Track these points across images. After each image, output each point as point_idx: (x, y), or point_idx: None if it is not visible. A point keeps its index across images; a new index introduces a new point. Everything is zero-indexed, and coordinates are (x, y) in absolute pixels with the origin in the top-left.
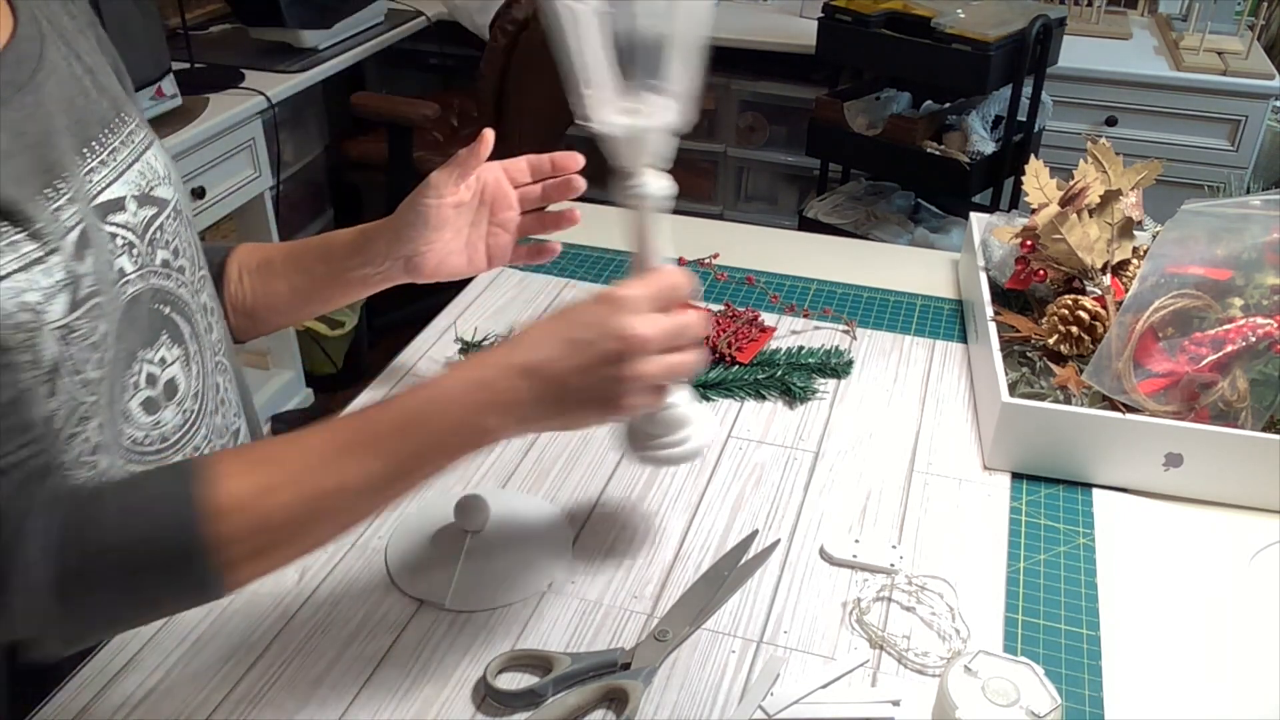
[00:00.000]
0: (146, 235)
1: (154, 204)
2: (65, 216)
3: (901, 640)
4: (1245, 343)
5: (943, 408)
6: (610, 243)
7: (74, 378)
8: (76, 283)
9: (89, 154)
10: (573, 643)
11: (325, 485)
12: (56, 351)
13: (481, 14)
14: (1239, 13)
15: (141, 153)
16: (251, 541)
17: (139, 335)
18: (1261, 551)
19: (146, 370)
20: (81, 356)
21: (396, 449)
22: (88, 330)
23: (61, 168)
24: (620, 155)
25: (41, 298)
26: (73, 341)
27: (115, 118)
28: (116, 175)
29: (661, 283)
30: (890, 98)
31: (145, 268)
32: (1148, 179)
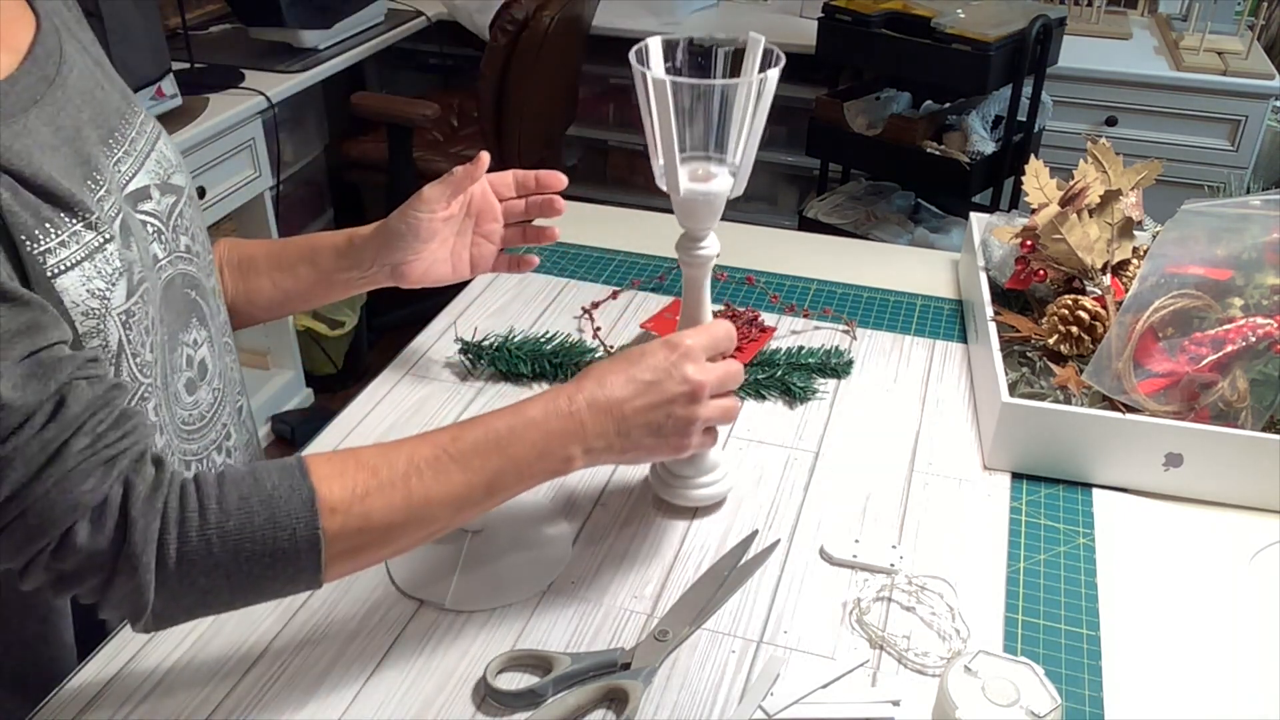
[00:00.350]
0: (170, 221)
1: (173, 191)
2: (109, 206)
3: (901, 640)
4: (1245, 343)
5: (943, 408)
6: (610, 243)
7: (133, 361)
8: (130, 269)
9: (114, 145)
10: (573, 643)
11: (416, 495)
12: (120, 336)
13: (481, 14)
14: (1239, 13)
15: (155, 141)
16: (351, 540)
17: (177, 318)
18: (1261, 551)
19: (185, 352)
20: (138, 340)
21: (483, 466)
22: (141, 314)
23: (95, 159)
24: (688, 218)
25: (106, 285)
26: (132, 326)
27: (128, 109)
28: (139, 165)
29: (715, 334)
30: (890, 98)
31: (173, 253)
32: (1148, 179)
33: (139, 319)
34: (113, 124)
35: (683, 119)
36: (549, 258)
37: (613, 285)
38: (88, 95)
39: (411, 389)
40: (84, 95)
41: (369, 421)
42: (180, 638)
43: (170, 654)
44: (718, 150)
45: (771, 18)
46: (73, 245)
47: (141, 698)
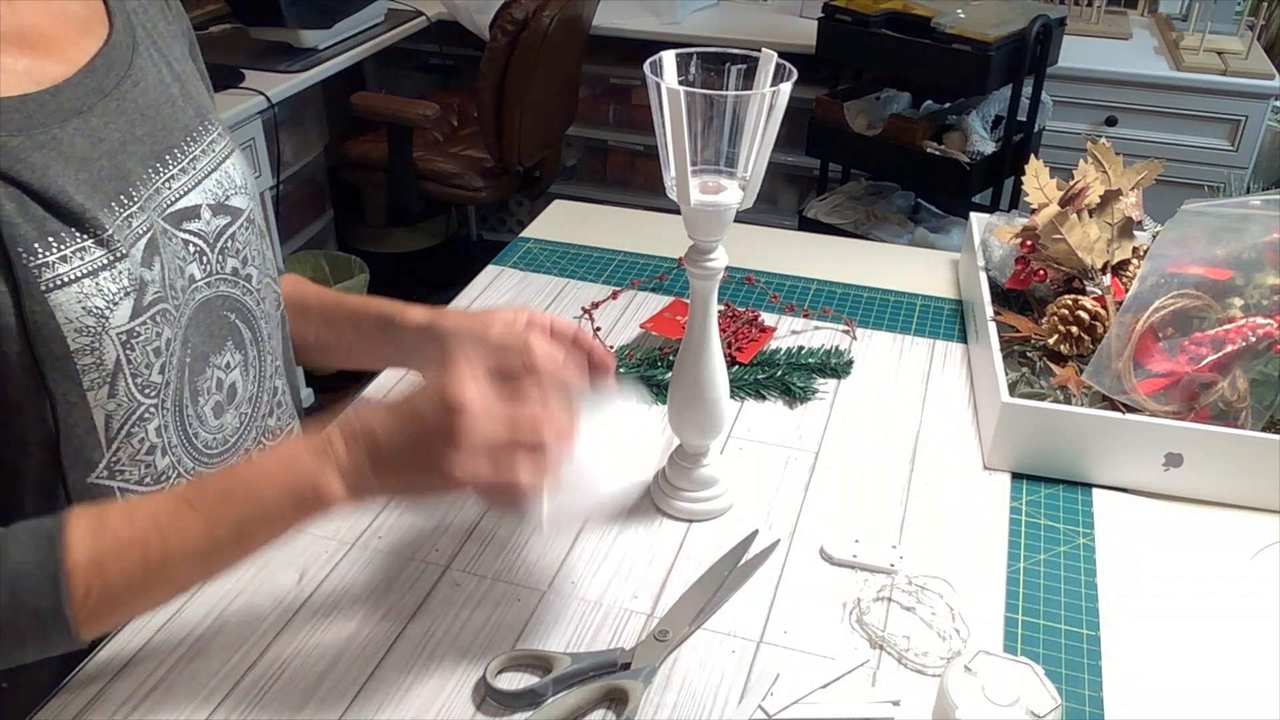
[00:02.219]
0: (218, 243)
1: (228, 213)
2: (136, 224)
3: (901, 640)
4: (1245, 343)
5: (943, 408)
6: (610, 243)
7: (132, 381)
8: (142, 289)
9: (171, 161)
10: (573, 643)
11: (154, 554)
12: (118, 355)
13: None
14: (1239, 13)
15: (221, 162)
16: (97, 605)
17: (209, 340)
18: (1261, 551)
19: (216, 375)
20: (142, 361)
21: (225, 515)
22: (150, 336)
23: (136, 175)
24: (698, 229)
25: (106, 304)
26: (134, 346)
27: (199, 126)
28: (194, 184)
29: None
30: (890, 98)
31: (215, 275)
32: (1148, 179)
33: (146, 340)
34: (173, 140)
35: (695, 131)
36: (549, 258)
37: (613, 285)
38: (150, 110)
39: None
40: (144, 110)
41: None
42: (180, 638)
43: (170, 654)
44: (728, 164)
45: (771, 18)
46: (75, 261)
47: (141, 698)
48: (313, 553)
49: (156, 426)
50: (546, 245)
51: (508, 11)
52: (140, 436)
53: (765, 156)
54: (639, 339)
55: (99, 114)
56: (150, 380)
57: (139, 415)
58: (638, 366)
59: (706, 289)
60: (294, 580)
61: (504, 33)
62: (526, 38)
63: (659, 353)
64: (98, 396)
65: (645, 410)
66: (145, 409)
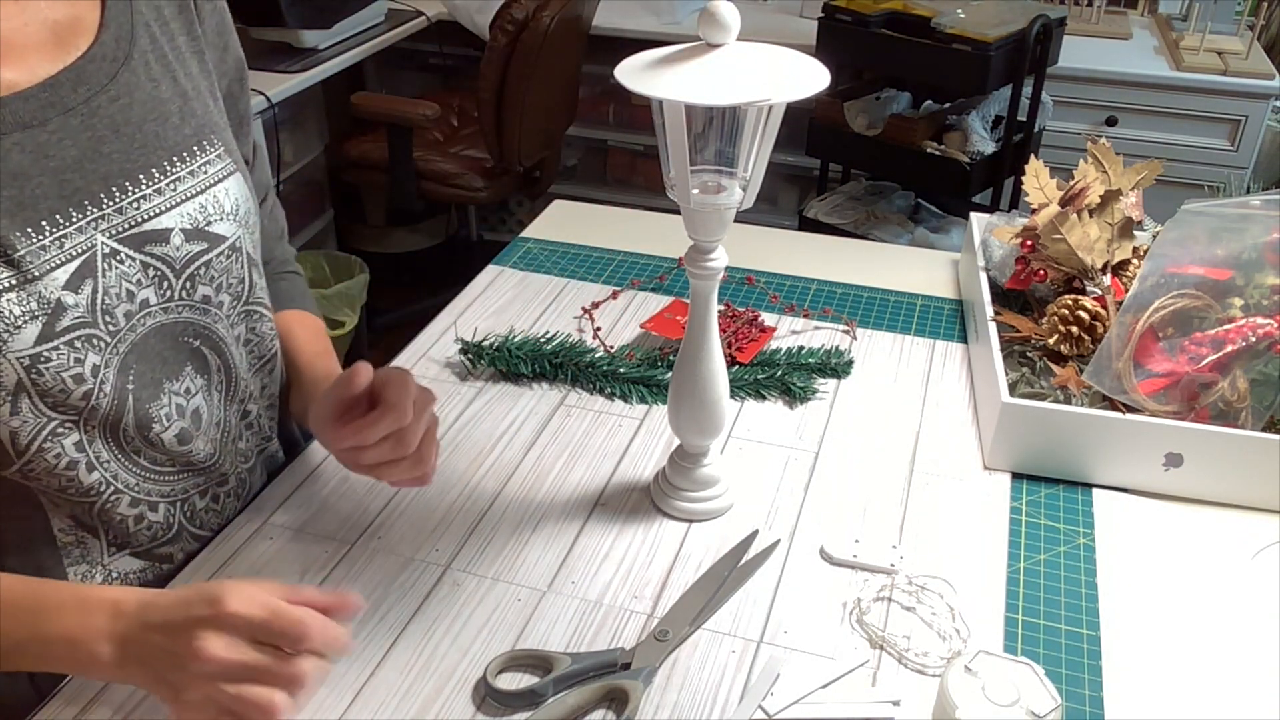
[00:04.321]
0: (186, 270)
1: (205, 240)
2: (70, 244)
3: (901, 640)
4: (1245, 343)
5: (943, 408)
6: (610, 243)
7: (42, 400)
8: (56, 314)
9: (145, 180)
10: (573, 643)
11: None
12: (20, 378)
13: (481, 14)
14: (1239, 13)
15: (211, 185)
16: None
17: (161, 366)
18: (1262, 551)
19: (174, 401)
20: (55, 385)
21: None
22: (65, 362)
23: (88, 193)
24: (698, 229)
25: (4, 326)
26: (44, 371)
27: (193, 145)
28: (170, 205)
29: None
30: (890, 98)
31: (177, 300)
32: (1148, 179)
33: (59, 365)
34: (152, 159)
35: (695, 131)
36: (549, 258)
37: (613, 285)
38: (130, 127)
39: None
40: (121, 127)
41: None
42: None
43: None
44: (728, 164)
45: (771, 18)
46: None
47: (142, 697)
48: (313, 553)
49: (76, 442)
50: (546, 245)
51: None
52: (55, 451)
53: (765, 156)
54: (639, 339)
55: (53, 129)
56: (67, 403)
57: (50, 431)
58: (638, 366)
59: (706, 289)
60: (294, 580)
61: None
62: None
63: (659, 353)
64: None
65: None
66: (58, 425)
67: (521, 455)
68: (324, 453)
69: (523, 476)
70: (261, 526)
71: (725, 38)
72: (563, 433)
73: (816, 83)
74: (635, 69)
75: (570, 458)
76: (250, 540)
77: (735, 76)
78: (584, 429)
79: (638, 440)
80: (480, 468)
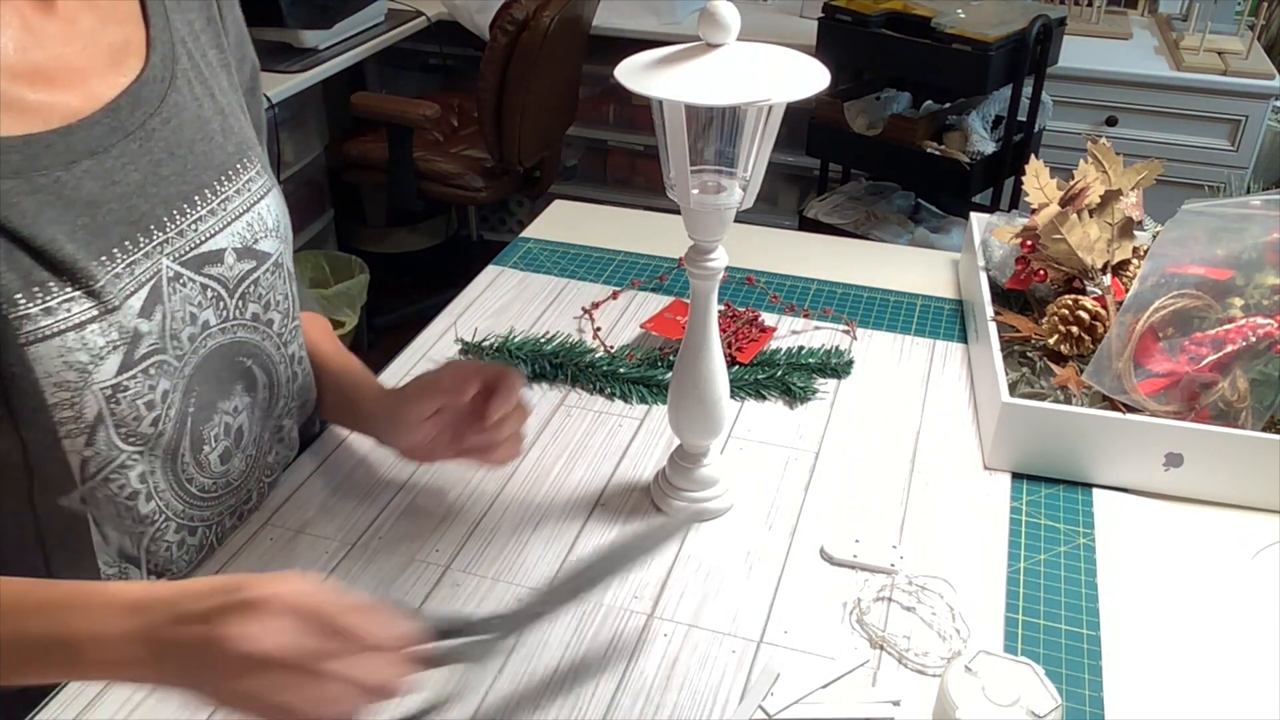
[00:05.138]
0: (239, 289)
1: (254, 258)
2: (139, 270)
3: (901, 640)
4: (1245, 343)
5: (943, 408)
6: (610, 243)
7: (115, 431)
8: (135, 343)
9: (200, 201)
10: (573, 643)
11: None
12: (100, 409)
13: (481, 14)
14: (1239, 13)
15: (255, 203)
16: None
17: (217, 387)
18: (1262, 551)
19: (224, 420)
20: (130, 414)
21: (30, 627)
22: (141, 390)
23: (153, 218)
24: (698, 229)
25: (90, 358)
26: (121, 400)
27: (237, 163)
28: (223, 226)
29: (343, 603)
30: (890, 98)
31: (232, 320)
32: (1148, 179)
33: (136, 394)
34: (205, 180)
35: (695, 131)
36: (549, 258)
37: (613, 285)
38: (182, 149)
39: None
40: (175, 149)
41: None
42: None
43: None
44: (728, 164)
45: (771, 18)
46: (60, 313)
47: (142, 698)
48: (313, 553)
49: (140, 473)
50: (546, 245)
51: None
52: (120, 483)
53: (765, 156)
54: (639, 339)
55: (117, 154)
56: (138, 431)
57: (119, 463)
58: (638, 366)
59: (706, 289)
60: None
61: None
62: (526, 38)
63: (659, 353)
64: (74, 444)
65: None
66: (127, 457)
67: (522, 455)
68: (324, 453)
69: (523, 476)
70: (262, 527)
71: (725, 38)
72: (563, 433)
73: (816, 83)
74: (635, 69)
75: (570, 458)
76: (250, 540)
77: (735, 76)
78: (584, 429)
79: (638, 440)
80: (480, 468)
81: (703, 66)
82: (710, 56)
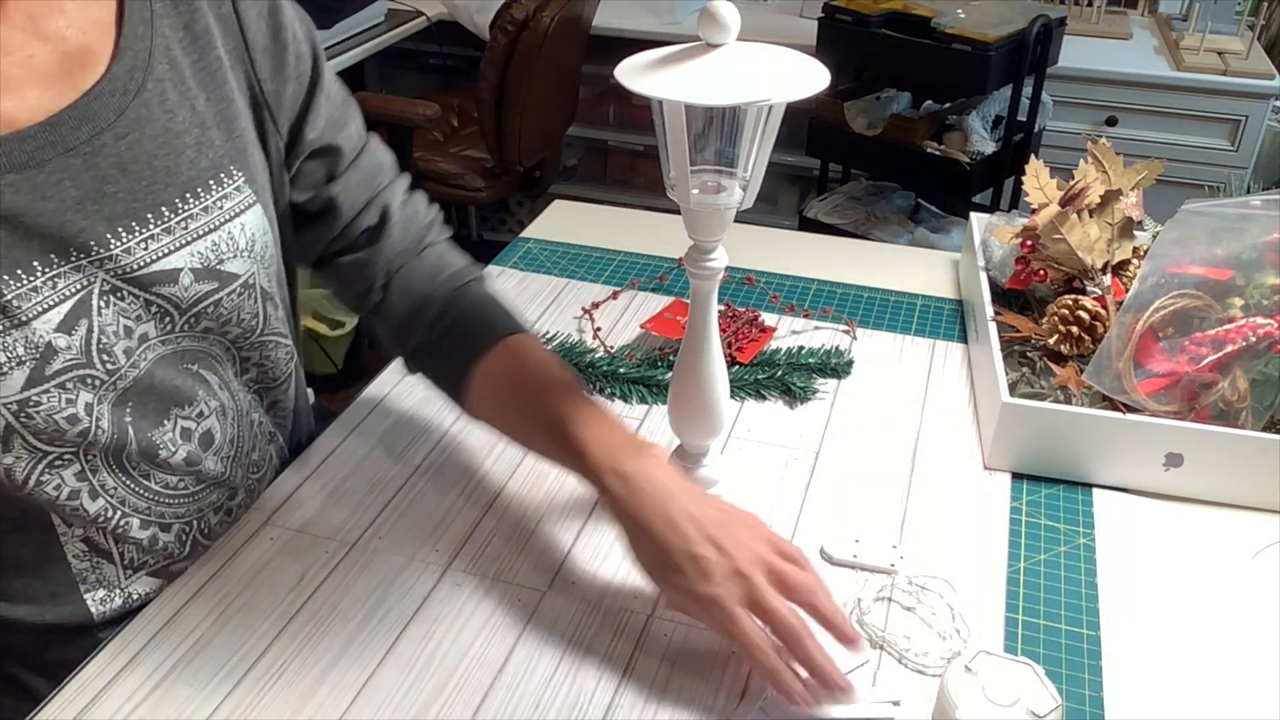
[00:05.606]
0: (194, 309)
1: (215, 279)
2: (63, 285)
3: (901, 640)
4: (1245, 343)
5: (943, 408)
6: (610, 243)
7: (35, 438)
8: (46, 358)
9: (153, 220)
10: (573, 643)
11: None
12: (7, 421)
13: (481, 14)
14: (1239, 13)
15: (225, 221)
16: None
17: (167, 396)
18: (1262, 551)
19: (181, 426)
20: (45, 425)
21: None
22: (57, 404)
23: (89, 235)
24: (698, 229)
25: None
26: (34, 415)
27: (209, 180)
28: (179, 245)
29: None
30: (890, 98)
31: (178, 333)
32: (1148, 179)
33: (50, 408)
34: (163, 197)
35: (695, 131)
36: (549, 258)
37: (613, 285)
38: (139, 165)
39: (412, 389)
40: (129, 165)
41: (369, 422)
42: (181, 638)
43: (171, 654)
44: (728, 164)
45: (771, 18)
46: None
47: (142, 698)
48: (313, 553)
49: (77, 471)
50: (546, 245)
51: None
52: (55, 483)
53: (765, 156)
54: (639, 339)
55: (52, 169)
56: (61, 438)
57: (48, 464)
58: (638, 366)
59: (706, 289)
60: (294, 580)
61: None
62: (526, 38)
63: (659, 353)
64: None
65: None
66: (55, 456)
67: (522, 455)
68: (324, 453)
69: (523, 476)
70: (262, 527)
71: (725, 38)
72: None
73: (816, 83)
74: (635, 69)
75: None
76: (250, 540)
77: (735, 76)
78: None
79: None
80: (480, 468)
81: (703, 66)
82: (710, 56)
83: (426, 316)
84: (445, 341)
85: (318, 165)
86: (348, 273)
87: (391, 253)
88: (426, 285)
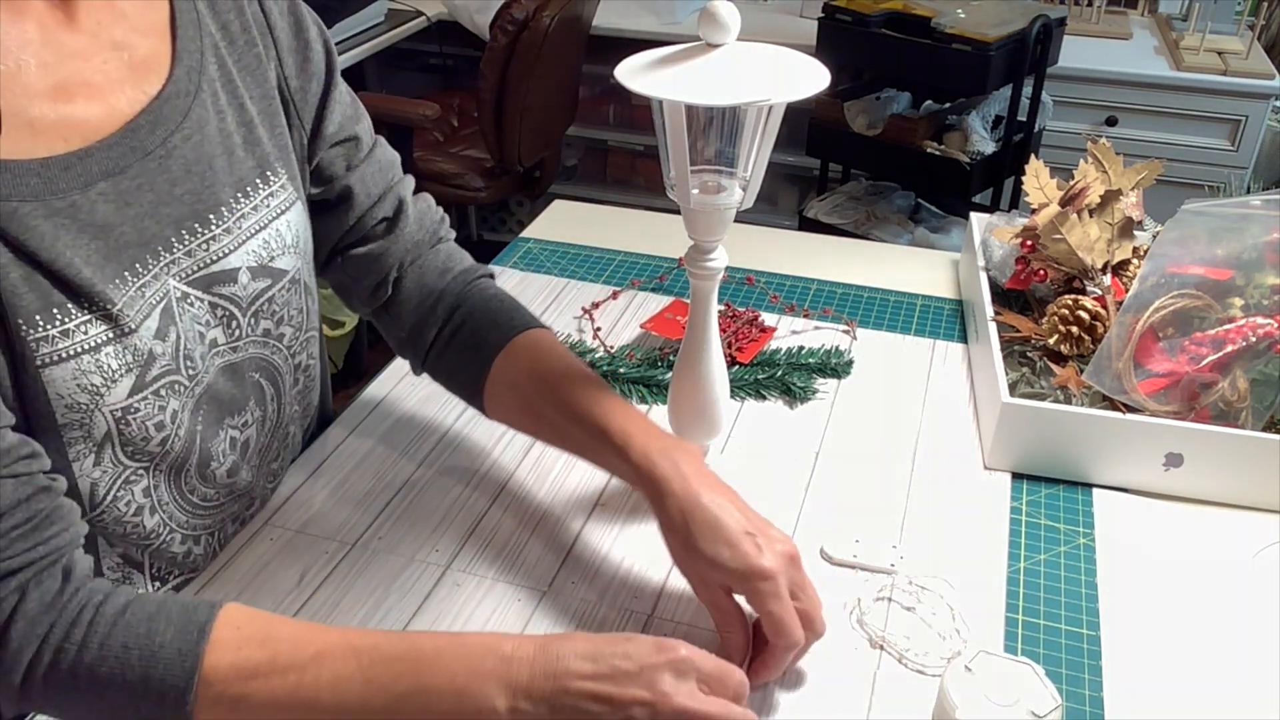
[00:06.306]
0: (252, 307)
1: (269, 276)
2: (150, 293)
3: (901, 640)
4: (1245, 343)
5: (943, 408)
6: (610, 243)
7: (121, 450)
8: (148, 364)
9: (214, 220)
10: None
11: (305, 691)
12: (109, 429)
13: (481, 14)
14: (1239, 13)
15: (273, 219)
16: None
17: (227, 404)
18: (1262, 551)
19: (229, 435)
20: (139, 433)
21: (390, 686)
22: (151, 411)
23: (163, 239)
24: (698, 229)
25: (103, 380)
26: (130, 421)
27: (257, 178)
28: (237, 245)
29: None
30: (890, 98)
31: (244, 338)
32: (1148, 179)
33: (145, 415)
34: (220, 198)
35: (695, 131)
36: (549, 258)
37: (613, 285)
38: (200, 166)
39: (412, 389)
40: (192, 166)
41: (369, 422)
42: None
43: None
44: (728, 164)
45: (771, 18)
46: (76, 336)
47: None
48: (313, 553)
49: (144, 488)
50: (546, 245)
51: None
52: (126, 499)
53: (765, 156)
54: (639, 339)
55: (133, 175)
56: (145, 450)
57: (124, 479)
58: (638, 366)
59: (706, 289)
60: (294, 580)
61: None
62: (526, 38)
63: (659, 353)
64: (83, 467)
65: None
66: (131, 472)
67: (522, 455)
68: (324, 453)
69: (523, 476)
70: (262, 527)
71: (725, 38)
72: None
73: (816, 83)
74: (635, 69)
75: (570, 458)
76: (250, 540)
77: (735, 76)
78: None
79: None
80: (480, 468)
81: (703, 66)
82: (710, 56)
83: (440, 312)
84: (460, 336)
85: (337, 155)
86: (360, 265)
87: (407, 244)
88: (439, 280)
